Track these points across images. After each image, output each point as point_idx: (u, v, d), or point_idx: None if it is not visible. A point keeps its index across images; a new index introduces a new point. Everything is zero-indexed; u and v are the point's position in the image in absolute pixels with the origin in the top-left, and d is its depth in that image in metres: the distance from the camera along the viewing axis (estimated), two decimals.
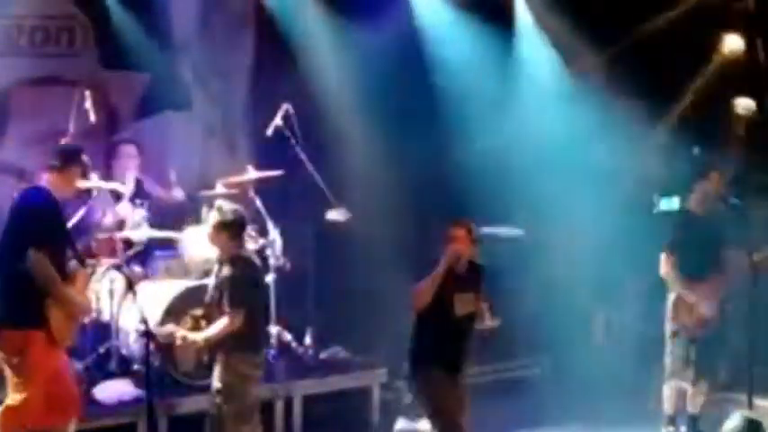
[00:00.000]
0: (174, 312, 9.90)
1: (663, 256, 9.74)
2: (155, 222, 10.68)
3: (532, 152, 12.24)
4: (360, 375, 10.78)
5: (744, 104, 12.34)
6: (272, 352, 10.64)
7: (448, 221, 8.79)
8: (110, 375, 9.84)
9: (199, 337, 8.89)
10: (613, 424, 10.72)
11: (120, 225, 10.46)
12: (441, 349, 8.66)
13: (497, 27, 12.53)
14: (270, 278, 10.73)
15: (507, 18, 12.77)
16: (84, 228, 10.32)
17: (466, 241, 8.73)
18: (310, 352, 10.84)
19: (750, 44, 12.46)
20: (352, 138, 11.92)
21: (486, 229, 12.00)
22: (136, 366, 9.82)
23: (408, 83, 12.23)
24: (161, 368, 9.65)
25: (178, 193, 11.01)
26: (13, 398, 8.15)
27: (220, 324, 8.73)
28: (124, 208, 10.55)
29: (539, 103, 12.65)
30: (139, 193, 10.76)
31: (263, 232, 10.82)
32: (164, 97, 11.96)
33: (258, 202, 10.83)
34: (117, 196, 10.67)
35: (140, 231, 10.36)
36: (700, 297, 9.66)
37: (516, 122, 12.36)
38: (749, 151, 12.27)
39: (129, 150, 10.90)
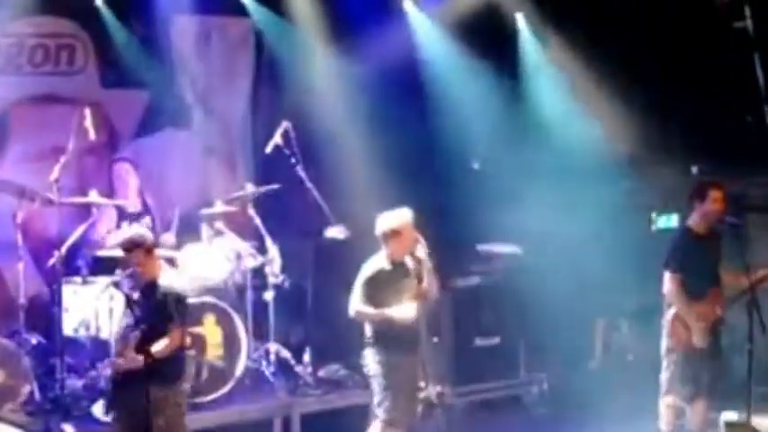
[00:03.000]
0: None
1: (667, 275, 9.72)
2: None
3: (530, 172, 12.25)
4: (358, 393, 10.75)
5: None
6: (271, 369, 10.64)
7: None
8: None
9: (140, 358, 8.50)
10: None
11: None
12: (395, 331, 8.96)
13: (497, 51, 12.56)
14: (269, 296, 10.75)
15: (507, 43, 12.81)
16: (85, 245, 10.35)
17: (413, 239, 9.08)
18: (309, 370, 10.83)
19: (749, 63, 12.47)
20: (351, 155, 11.93)
21: (485, 247, 12.04)
22: None
23: (408, 102, 12.26)
24: None
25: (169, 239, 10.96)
26: None
27: (167, 341, 8.52)
28: (124, 225, 10.58)
29: (538, 126, 12.68)
30: (144, 213, 10.78)
31: (261, 250, 10.84)
32: (163, 115, 12.00)
33: (257, 220, 10.85)
34: (121, 214, 10.70)
35: None
36: (696, 321, 9.65)
37: (515, 144, 12.37)
38: (747, 168, 12.28)
39: (125, 169, 10.90)
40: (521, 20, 12.88)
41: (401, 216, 9.14)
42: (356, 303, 9.12)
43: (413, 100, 12.26)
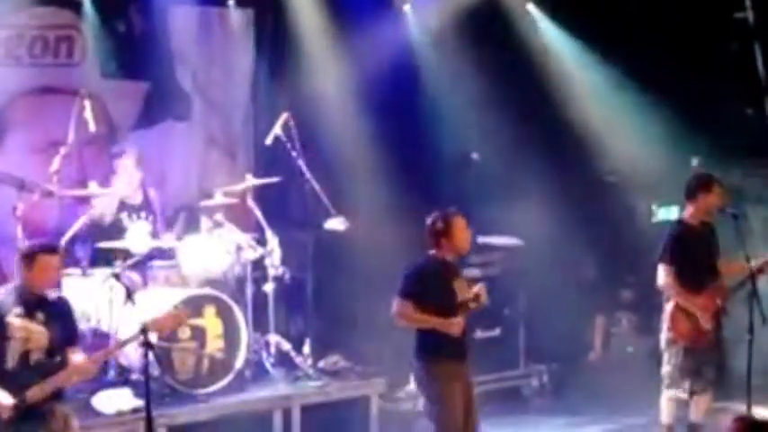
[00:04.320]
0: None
1: (661, 267, 9.72)
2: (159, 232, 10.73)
3: (531, 163, 12.25)
4: (358, 385, 10.77)
5: None
6: (272, 361, 10.65)
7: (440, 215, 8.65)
8: (108, 385, 9.83)
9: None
10: None
11: (120, 234, 10.44)
12: (447, 337, 8.47)
13: (499, 42, 12.56)
14: (269, 287, 10.75)
15: (510, 34, 12.80)
16: (85, 236, 10.34)
17: (467, 233, 8.63)
18: (309, 361, 10.83)
19: (749, 55, 12.48)
20: (352, 146, 11.93)
21: (486, 239, 12.04)
22: (135, 376, 9.81)
23: (409, 93, 12.26)
24: (160, 378, 9.65)
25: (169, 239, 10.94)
26: None
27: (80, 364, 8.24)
28: (125, 217, 10.58)
29: (539, 118, 12.68)
30: (145, 205, 10.77)
31: (261, 242, 10.83)
32: (163, 107, 11.99)
33: (257, 212, 10.84)
34: (121, 206, 10.69)
35: (139, 241, 10.35)
36: (699, 308, 9.65)
37: (515, 135, 12.37)
38: (747, 160, 12.30)
39: (127, 164, 10.88)
40: (532, 9, 12.86)
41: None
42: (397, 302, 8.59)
43: (414, 91, 12.27)
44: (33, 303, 8.21)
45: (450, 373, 8.53)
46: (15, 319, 8.13)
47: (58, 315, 8.28)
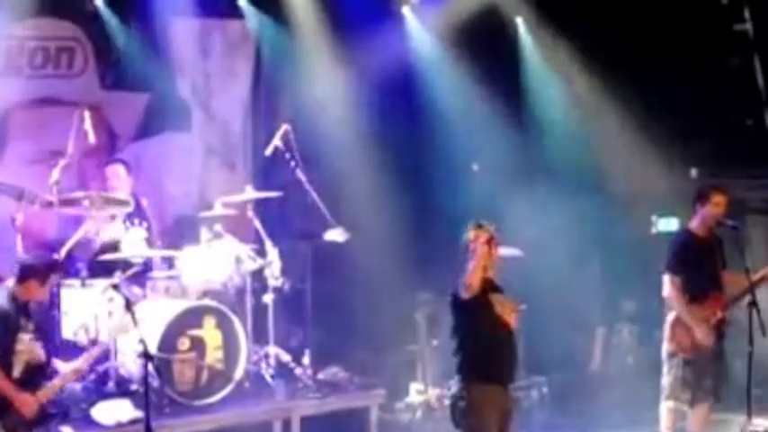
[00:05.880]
0: (172, 333, 9.91)
1: (666, 278, 9.72)
2: (153, 241, 10.72)
3: (530, 175, 12.26)
4: (358, 396, 10.76)
5: None
6: (271, 372, 10.64)
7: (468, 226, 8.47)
8: (108, 396, 9.81)
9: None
10: None
11: (116, 245, 10.43)
12: (489, 357, 8.15)
13: (496, 53, 12.57)
14: (268, 298, 10.75)
15: (506, 45, 12.82)
16: (81, 248, 10.33)
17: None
18: (308, 372, 10.82)
19: (749, 66, 12.49)
20: (351, 158, 11.93)
21: None
22: (134, 387, 9.80)
23: (408, 104, 12.26)
24: (159, 389, 9.63)
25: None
26: None
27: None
28: (118, 228, 10.55)
29: (538, 129, 12.68)
30: (138, 213, 10.75)
31: (261, 253, 10.83)
32: (163, 118, 12.01)
33: (257, 223, 10.84)
34: (113, 216, 10.67)
35: (138, 252, 10.35)
36: (698, 322, 9.64)
37: (515, 146, 12.37)
38: (747, 171, 12.29)
39: (117, 171, 10.89)
40: (520, 24, 12.90)
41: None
42: None
43: (412, 102, 12.27)
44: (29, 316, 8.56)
45: (488, 399, 8.15)
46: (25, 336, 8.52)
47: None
